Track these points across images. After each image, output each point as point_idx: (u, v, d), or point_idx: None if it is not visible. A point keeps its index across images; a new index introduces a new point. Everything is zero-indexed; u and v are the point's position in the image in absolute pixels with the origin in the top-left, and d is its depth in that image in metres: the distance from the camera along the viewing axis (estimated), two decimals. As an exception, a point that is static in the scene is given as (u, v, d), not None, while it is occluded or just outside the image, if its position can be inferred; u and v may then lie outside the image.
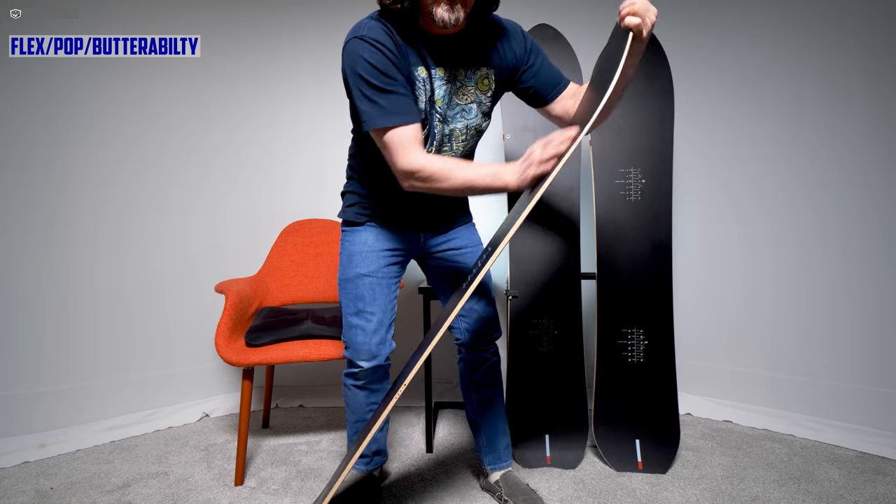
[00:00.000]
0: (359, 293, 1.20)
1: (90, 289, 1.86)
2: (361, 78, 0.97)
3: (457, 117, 1.11)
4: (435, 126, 1.09)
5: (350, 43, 0.99)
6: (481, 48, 1.08)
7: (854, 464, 1.51)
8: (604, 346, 1.56)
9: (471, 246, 1.30)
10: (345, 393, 1.30)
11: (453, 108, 1.10)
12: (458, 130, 1.12)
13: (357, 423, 1.30)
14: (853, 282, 1.71)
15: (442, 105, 1.08)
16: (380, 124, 0.98)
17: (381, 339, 1.21)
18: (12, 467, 1.57)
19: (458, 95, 1.09)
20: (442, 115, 1.09)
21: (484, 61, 1.09)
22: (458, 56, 1.06)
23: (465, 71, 1.08)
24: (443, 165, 1.00)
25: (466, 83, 1.09)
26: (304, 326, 1.53)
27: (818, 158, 1.76)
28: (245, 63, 2.06)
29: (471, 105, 1.11)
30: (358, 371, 1.22)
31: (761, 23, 1.84)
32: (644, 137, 1.59)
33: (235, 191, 2.08)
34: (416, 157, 0.98)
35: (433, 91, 1.05)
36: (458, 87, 1.08)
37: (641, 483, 1.42)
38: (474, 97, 1.11)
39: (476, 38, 1.07)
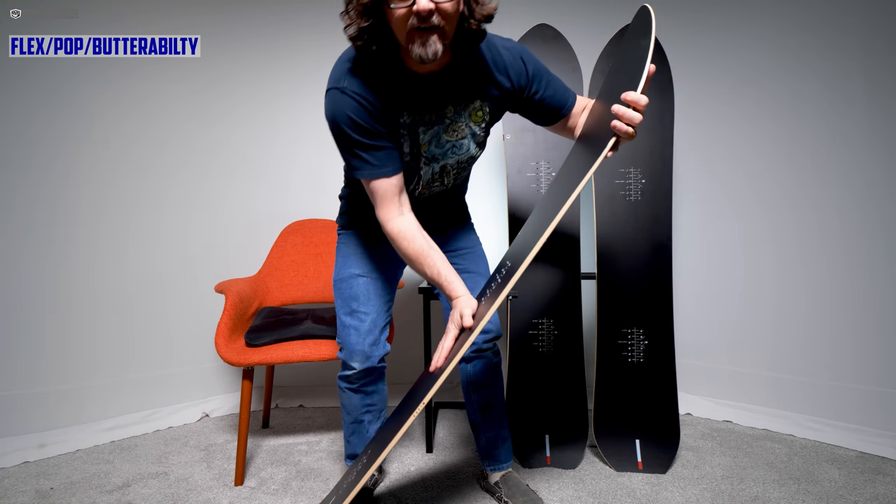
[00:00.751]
0: (353, 293, 1.19)
1: (90, 288, 1.86)
2: (345, 133, 0.97)
3: (448, 154, 1.07)
4: (421, 168, 1.07)
5: (331, 94, 0.97)
6: (474, 81, 1.02)
7: (854, 464, 1.51)
8: (604, 346, 1.56)
9: (468, 247, 1.30)
10: (340, 395, 1.29)
11: (443, 146, 1.06)
12: (449, 166, 1.10)
13: (353, 425, 1.29)
14: (854, 281, 1.71)
15: (428, 150, 1.05)
16: (366, 177, 1.01)
17: (375, 339, 1.20)
18: (12, 467, 1.57)
19: (449, 133, 1.05)
20: (430, 155, 1.06)
21: (477, 94, 1.03)
22: (446, 95, 1.01)
23: (455, 108, 1.02)
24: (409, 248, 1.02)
25: (457, 119, 1.04)
26: (304, 326, 1.53)
27: (818, 158, 1.76)
28: (244, 63, 2.06)
29: (462, 140, 1.07)
30: (351, 374, 1.21)
31: (761, 23, 1.84)
32: (644, 137, 1.59)
33: (235, 190, 2.08)
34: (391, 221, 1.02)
35: (416, 136, 1.02)
36: (448, 125, 1.04)
37: (641, 483, 1.42)
38: (466, 132, 1.06)
39: (468, 71, 1.01)
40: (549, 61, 1.64)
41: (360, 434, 1.29)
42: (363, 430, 1.29)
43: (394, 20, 0.86)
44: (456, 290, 1.02)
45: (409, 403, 1.02)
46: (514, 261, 0.97)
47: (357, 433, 1.30)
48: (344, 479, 1.15)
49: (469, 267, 1.28)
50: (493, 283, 1.02)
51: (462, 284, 1.03)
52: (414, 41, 0.86)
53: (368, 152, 0.98)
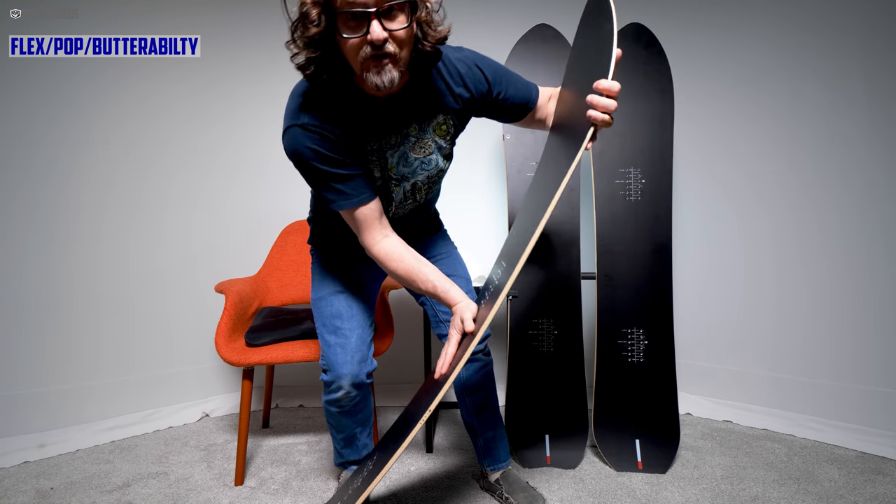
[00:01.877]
0: (335, 310, 1.15)
1: (90, 289, 1.86)
2: (312, 167, 0.94)
3: (416, 171, 1.06)
4: (393, 190, 1.06)
5: (290, 132, 0.93)
6: (433, 97, 1.00)
7: (854, 464, 1.51)
8: (604, 346, 1.56)
9: (445, 252, 1.29)
10: (328, 417, 1.23)
11: (411, 165, 1.04)
12: (419, 183, 1.08)
13: (345, 440, 1.27)
14: (854, 281, 1.71)
15: (397, 171, 1.04)
16: (344, 208, 0.99)
17: (363, 356, 1.15)
18: (12, 467, 1.57)
19: (416, 150, 1.03)
20: (399, 175, 1.04)
21: (438, 109, 1.01)
22: (409, 113, 0.99)
23: (419, 125, 1.01)
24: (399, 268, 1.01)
25: (422, 136, 1.02)
26: (304, 326, 1.53)
27: (818, 158, 1.76)
28: (245, 63, 2.06)
29: (430, 157, 1.05)
30: (341, 396, 1.13)
31: (761, 22, 1.84)
32: (644, 137, 1.59)
33: (235, 190, 2.08)
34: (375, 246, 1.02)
35: (385, 160, 1.01)
36: (414, 143, 1.02)
37: (641, 483, 1.42)
38: (433, 147, 1.04)
39: (426, 88, 0.98)
40: (549, 61, 1.65)
41: (354, 446, 1.29)
42: (356, 441, 1.29)
43: (346, 49, 0.84)
44: (454, 297, 1.00)
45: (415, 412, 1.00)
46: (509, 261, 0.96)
47: (350, 446, 1.29)
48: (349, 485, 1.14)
49: (447, 272, 1.26)
50: (491, 286, 1.01)
51: (459, 290, 1.02)
52: (369, 70, 0.84)
53: (341, 183, 0.96)
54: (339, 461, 1.33)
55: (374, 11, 0.78)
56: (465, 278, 1.30)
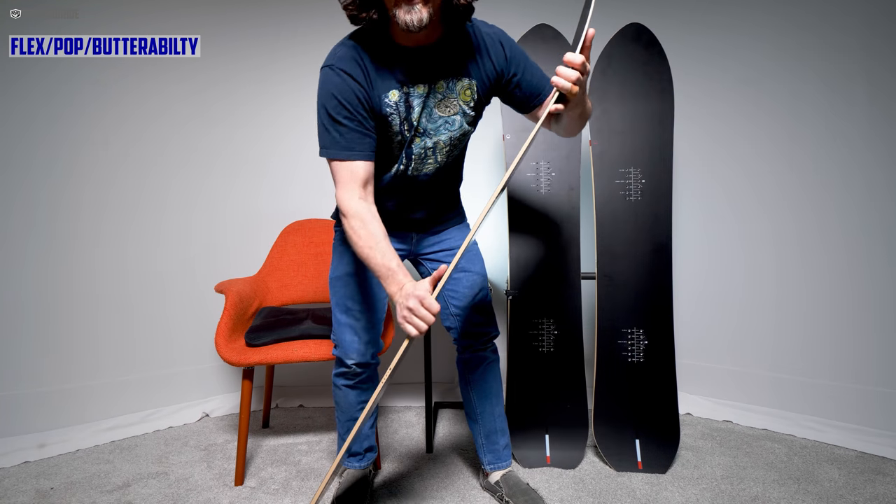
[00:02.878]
0: (348, 291, 1.20)
1: (91, 289, 1.86)
2: (324, 107, 1.00)
3: (440, 129, 1.08)
4: (413, 141, 1.08)
5: (322, 72, 1.01)
6: (460, 59, 1.05)
7: (854, 464, 1.51)
8: (604, 346, 1.56)
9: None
10: (335, 392, 1.30)
11: (435, 122, 1.07)
12: (441, 143, 1.10)
13: (348, 423, 1.30)
14: (854, 281, 1.71)
15: (422, 121, 1.06)
16: (329, 155, 1.01)
17: (371, 337, 1.22)
18: (12, 467, 1.57)
19: (441, 108, 1.06)
20: (423, 129, 1.07)
21: (465, 72, 1.05)
22: (438, 68, 1.03)
23: (447, 83, 1.05)
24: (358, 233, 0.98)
25: (449, 94, 1.06)
26: (304, 326, 1.53)
27: (818, 158, 1.76)
28: (245, 63, 2.06)
29: (454, 117, 1.08)
30: (347, 370, 1.23)
31: (761, 23, 1.84)
32: (644, 137, 1.59)
33: (235, 190, 2.08)
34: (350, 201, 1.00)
35: (409, 111, 1.04)
36: (441, 100, 1.05)
37: (641, 483, 1.42)
38: (457, 108, 1.07)
39: (454, 50, 1.04)
40: (549, 61, 1.64)
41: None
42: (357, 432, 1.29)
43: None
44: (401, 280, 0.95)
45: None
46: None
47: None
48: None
49: (466, 266, 1.28)
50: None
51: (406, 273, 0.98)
52: (400, 6, 0.89)
53: (339, 130, 0.99)
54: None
55: None
56: (481, 275, 1.31)
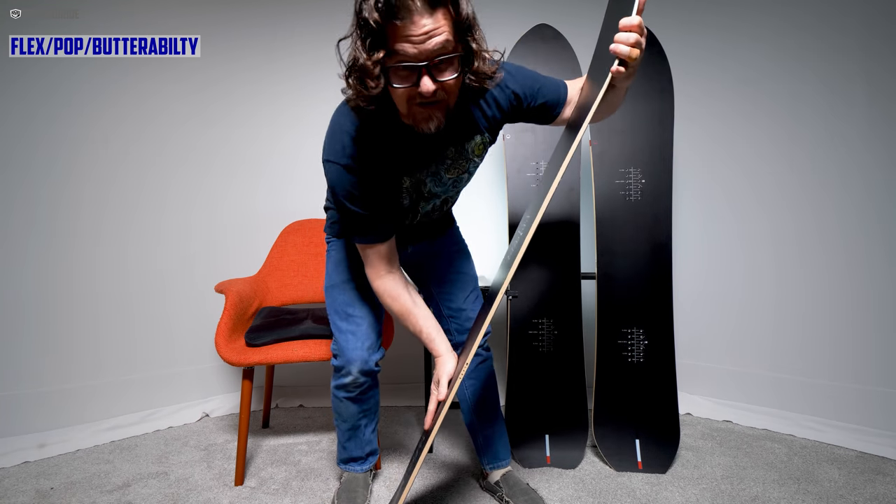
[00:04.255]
0: (347, 298, 1.19)
1: (90, 289, 1.86)
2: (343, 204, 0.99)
3: (449, 189, 1.09)
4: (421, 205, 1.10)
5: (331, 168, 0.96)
6: (469, 122, 0.99)
7: (854, 464, 1.51)
8: (604, 346, 1.56)
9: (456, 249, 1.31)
10: (334, 403, 1.26)
11: (445, 185, 1.07)
12: (450, 198, 1.14)
13: (350, 431, 1.29)
14: (853, 281, 1.71)
15: (431, 189, 1.07)
16: (359, 242, 1.06)
17: (373, 343, 1.20)
18: (12, 467, 1.57)
19: (451, 171, 1.04)
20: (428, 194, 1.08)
21: (475, 131, 1.01)
22: (447, 140, 0.99)
23: (456, 148, 1.01)
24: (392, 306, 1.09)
25: (458, 158, 1.03)
26: (304, 326, 1.52)
27: (818, 158, 1.76)
28: (245, 63, 2.06)
29: (463, 175, 1.07)
30: (349, 382, 1.18)
31: (761, 23, 1.84)
32: (644, 137, 1.59)
33: (235, 190, 2.08)
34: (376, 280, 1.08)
35: (420, 186, 1.05)
36: (450, 165, 1.03)
37: (641, 483, 1.42)
38: (466, 167, 1.06)
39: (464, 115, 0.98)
40: (549, 61, 1.65)
41: (358, 439, 1.30)
42: (360, 434, 1.30)
43: (396, 96, 0.84)
44: (438, 349, 1.06)
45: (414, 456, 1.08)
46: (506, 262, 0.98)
47: (354, 438, 1.30)
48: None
49: (459, 268, 1.29)
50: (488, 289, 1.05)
51: (444, 341, 1.08)
52: (416, 116, 0.85)
53: (365, 223, 1.01)
54: (343, 457, 1.33)
55: (425, 65, 0.78)
56: (472, 276, 1.32)
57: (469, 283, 1.31)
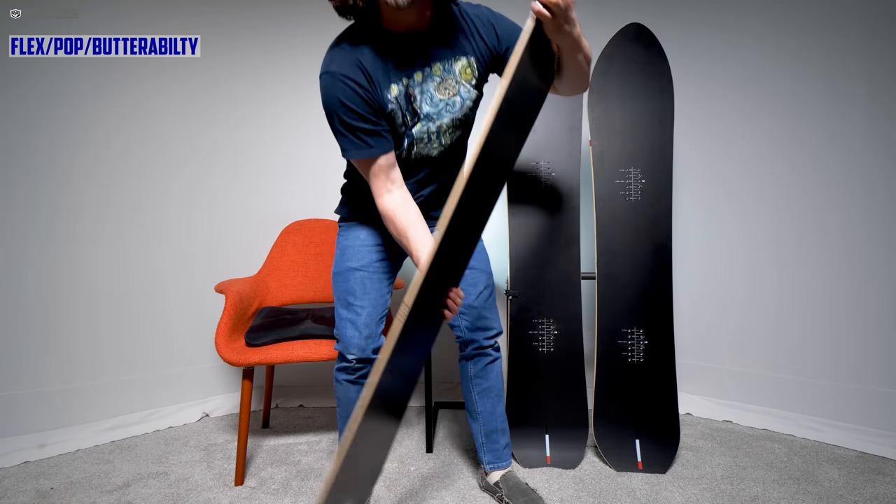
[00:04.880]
0: (349, 287, 1.22)
1: (91, 288, 1.86)
2: (335, 114, 1.03)
3: (442, 113, 1.10)
4: (413, 127, 1.09)
5: (322, 78, 1.03)
6: (454, 40, 1.07)
7: (854, 464, 1.51)
8: (604, 346, 1.56)
9: None
10: (336, 388, 1.31)
11: (436, 105, 1.09)
12: (444, 125, 1.12)
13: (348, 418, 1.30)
14: (853, 282, 1.71)
15: (422, 107, 1.08)
16: (354, 156, 1.06)
17: (371, 332, 1.23)
18: (12, 467, 1.57)
19: (440, 91, 1.08)
20: (425, 115, 1.09)
21: (461, 51, 1.07)
22: (432, 51, 1.06)
23: (443, 65, 1.07)
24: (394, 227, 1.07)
25: (447, 77, 1.07)
26: (304, 326, 1.53)
27: (819, 158, 1.76)
28: (245, 63, 2.06)
29: (454, 98, 1.10)
30: (348, 365, 1.25)
31: (762, 23, 1.84)
32: (644, 137, 1.59)
33: (236, 190, 2.08)
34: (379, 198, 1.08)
35: (409, 101, 1.06)
36: (439, 83, 1.07)
37: (641, 483, 1.42)
38: (456, 90, 1.09)
39: (446, 32, 1.06)
40: (549, 61, 1.64)
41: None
42: None
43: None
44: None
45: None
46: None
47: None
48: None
49: (472, 263, 1.29)
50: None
51: None
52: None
53: (355, 133, 1.03)
54: None
55: None
56: (486, 272, 1.32)
57: (482, 279, 1.31)
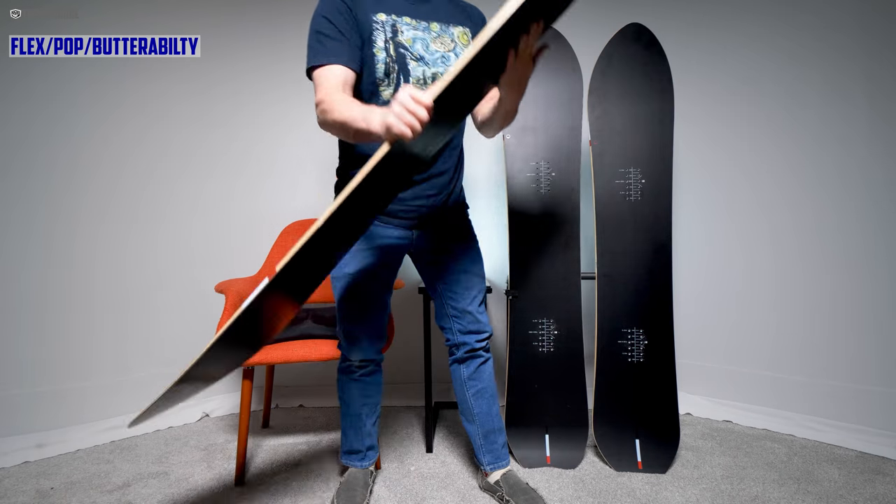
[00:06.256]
0: (350, 291, 1.22)
1: (90, 288, 1.86)
2: (312, 27, 1.05)
3: (437, 62, 1.13)
4: (409, 64, 1.10)
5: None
6: (452, 11, 1.17)
7: (854, 464, 1.51)
8: (604, 346, 1.56)
9: (468, 247, 1.30)
10: (339, 387, 1.33)
11: (433, 54, 1.12)
12: (439, 74, 1.13)
13: (351, 418, 1.33)
14: (853, 282, 1.71)
15: (417, 47, 1.10)
16: (311, 62, 1.04)
17: (374, 334, 1.25)
18: (12, 467, 1.57)
19: (437, 43, 1.13)
20: (418, 55, 1.11)
21: (459, 21, 1.17)
22: (430, 12, 1.13)
23: (441, 24, 1.14)
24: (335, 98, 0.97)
25: (443, 34, 1.14)
26: (303, 326, 1.53)
27: (818, 158, 1.76)
28: (246, 63, 2.06)
29: (450, 53, 1.14)
30: (351, 364, 1.28)
31: (762, 23, 1.84)
32: (644, 137, 1.59)
33: (236, 191, 2.08)
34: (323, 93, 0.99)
35: (395, 32, 1.08)
36: (436, 37, 1.13)
37: (641, 483, 1.42)
38: (452, 47, 1.14)
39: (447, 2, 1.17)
40: (549, 61, 1.65)
41: (357, 429, 1.34)
42: (360, 424, 1.33)
43: None
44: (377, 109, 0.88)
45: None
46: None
47: (354, 427, 1.34)
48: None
49: (467, 266, 1.28)
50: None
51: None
52: None
53: (321, 41, 1.03)
54: (344, 448, 1.37)
55: None
56: (480, 276, 1.32)
57: (476, 283, 1.30)
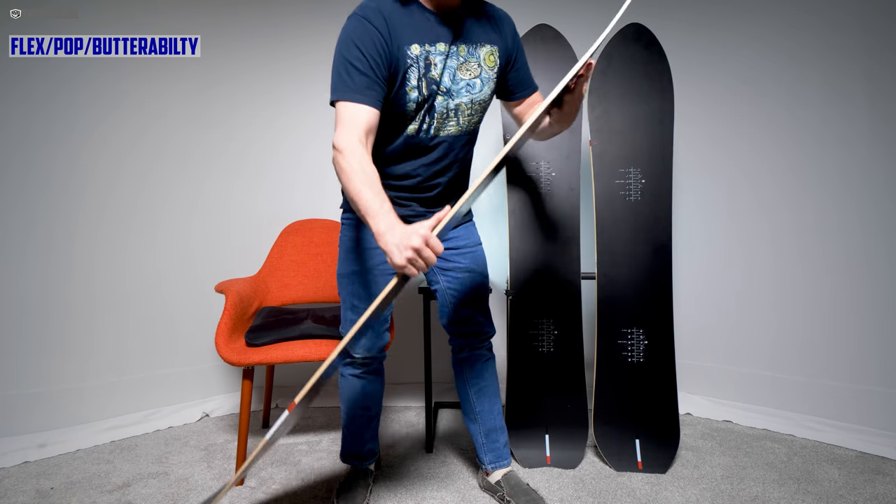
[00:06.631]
0: (354, 289, 1.22)
1: (90, 288, 1.86)
2: (340, 53, 1.01)
3: (461, 92, 1.11)
4: (436, 100, 1.09)
5: (347, 20, 1.04)
6: (483, 27, 1.12)
7: (854, 464, 1.51)
8: (604, 346, 1.56)
9: (470, 245, 1.30)
10: (341, 384, 1.33)
11: (458, 83, 1.10)
12: (463, 105, 1.13)
13: (353, 416, 1.32)
14: (853, 282, 1.71)
15: (445, 80, 1.08)
16: (336, 96, 1.00)
17: (377, 332, 1.25)
18: (12, 467, 1.57)
19: (463, 71, 1.10)
20: (446, 89, 1.09)
21: (487, 40, 1.12)
22: (460, 32, 1.09)
23: (468, 46, 1.10)
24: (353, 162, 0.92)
25: (470, 59, 1.10)
26: (304, 326, 1.53)
27: (818, 158, 1.76)
28: (245, 63, 2.06)
29: (475, 80, 1.12)
30: (353, 362, 1.28)
31: (762, 23, 1.84)
32: (644, 137, 1.59)
33: (236, 190, 2.08)
34: (348, 138, 0.95)
35: (428, 67, 1.06)
36: (462, 63, 1.10)
37: (641, 483, 1.42)
38: (478, 72, 1.12)
39: (477, 18, 1.12)
40: (549, 61, 1.65)
41: (358, 429, 1.33)
42: (361, 424, 1.33)
43: None
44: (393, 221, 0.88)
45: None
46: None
47: (354, 427, 1.33)
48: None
49: (470, 266, 1.28)
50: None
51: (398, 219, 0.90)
52: None
53: (350, 73, 0.99)
54: (344, 449, 1.38)
55: None
56: (483, 275, 1.32)
57: (479, 282, 1.30)
